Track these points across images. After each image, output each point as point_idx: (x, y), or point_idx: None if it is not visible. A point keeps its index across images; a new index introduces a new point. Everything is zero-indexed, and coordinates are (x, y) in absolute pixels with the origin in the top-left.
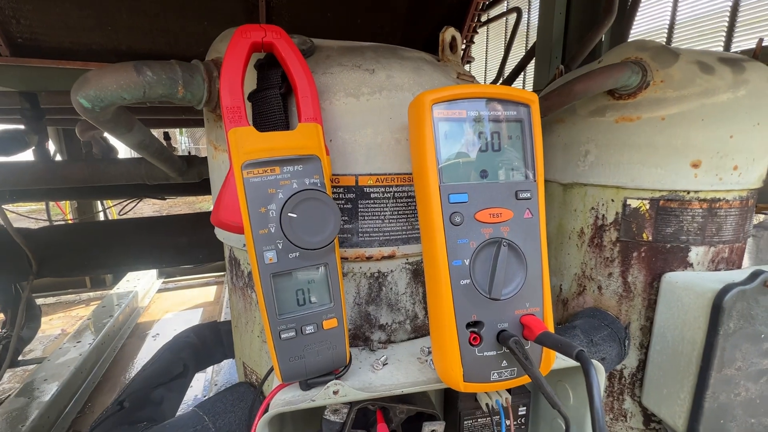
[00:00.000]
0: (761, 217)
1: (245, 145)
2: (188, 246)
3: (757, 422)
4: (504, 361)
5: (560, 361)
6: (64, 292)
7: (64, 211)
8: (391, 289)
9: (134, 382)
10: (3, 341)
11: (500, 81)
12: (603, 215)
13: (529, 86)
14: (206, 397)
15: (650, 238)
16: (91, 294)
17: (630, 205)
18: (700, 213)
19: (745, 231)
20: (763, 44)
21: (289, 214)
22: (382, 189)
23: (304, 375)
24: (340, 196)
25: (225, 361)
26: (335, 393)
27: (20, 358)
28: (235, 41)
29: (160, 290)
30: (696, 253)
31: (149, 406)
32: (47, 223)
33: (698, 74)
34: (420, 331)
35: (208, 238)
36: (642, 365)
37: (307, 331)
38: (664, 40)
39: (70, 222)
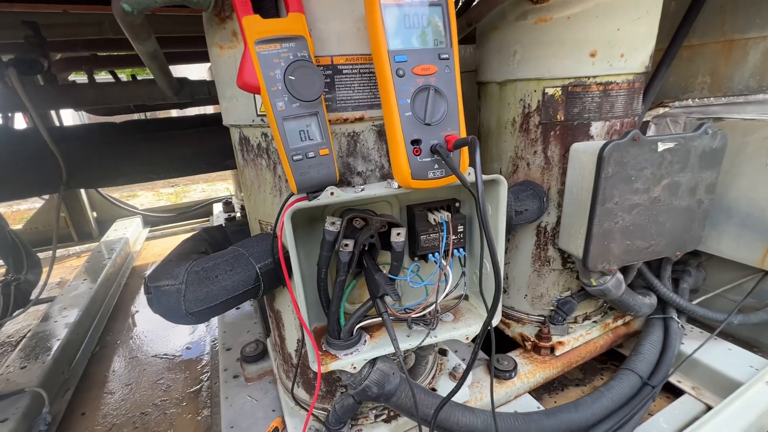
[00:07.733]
0: (661, 110)
1: (255, 27)
2: (193, 156)
3: (631, 243)
4: (436, 165)
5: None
6: (54, 247)
7: None
8: (363, 144)
9: (168, 256)
10: (14, 284)
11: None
12: (529, 104)
13: None
14: None
15: (562, 119)
16: (78, 248)
17: (548, 92)
18: (597, 94)
19: (633, 108)
20: None
21: (289, 77)
22: (351, 66)
23: (309, 186)
24: (321, 72)
25: None
26: (332, 194)
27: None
28: None
29: (148, 238)
30: (595, 128)
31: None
32: None
33: None
34: (387, 177)
35: (207, 149)
36: (559, 220)
37: (310, 155)
38: None
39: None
